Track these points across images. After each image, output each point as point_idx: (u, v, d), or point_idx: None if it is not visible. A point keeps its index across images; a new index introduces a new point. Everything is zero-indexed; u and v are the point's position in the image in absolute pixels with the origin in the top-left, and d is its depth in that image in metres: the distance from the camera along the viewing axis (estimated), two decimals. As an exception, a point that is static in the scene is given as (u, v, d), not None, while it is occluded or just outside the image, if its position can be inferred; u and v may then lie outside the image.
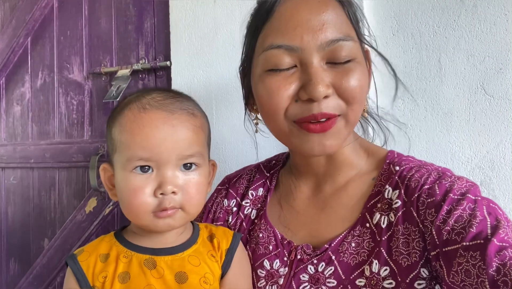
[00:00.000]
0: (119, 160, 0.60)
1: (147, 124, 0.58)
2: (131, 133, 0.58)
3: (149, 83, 1.28)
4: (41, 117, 1.48)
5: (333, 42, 0.57)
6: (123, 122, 0.60)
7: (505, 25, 0.84)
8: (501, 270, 0.46)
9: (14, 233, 1.54)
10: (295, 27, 0.57)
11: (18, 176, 1.53)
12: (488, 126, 0.86)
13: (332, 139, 0.60)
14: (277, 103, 0.59)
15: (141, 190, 0.58)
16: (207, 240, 0.66)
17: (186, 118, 0.60)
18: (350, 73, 0.58)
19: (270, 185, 0.76)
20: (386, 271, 0.58)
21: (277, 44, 0.58)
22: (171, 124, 0.58)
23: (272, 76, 0.59)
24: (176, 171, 0.59)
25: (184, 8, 1.17)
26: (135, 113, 0.59)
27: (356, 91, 0.59)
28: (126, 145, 0.59)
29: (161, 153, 0.58)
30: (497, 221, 0.51)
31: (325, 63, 0.58)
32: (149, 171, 0.59)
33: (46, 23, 1.46)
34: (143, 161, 0.58)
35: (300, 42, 0.57)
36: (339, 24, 0.58)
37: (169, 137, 0.58)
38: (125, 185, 0.59)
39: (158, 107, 0.59)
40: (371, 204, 0.64)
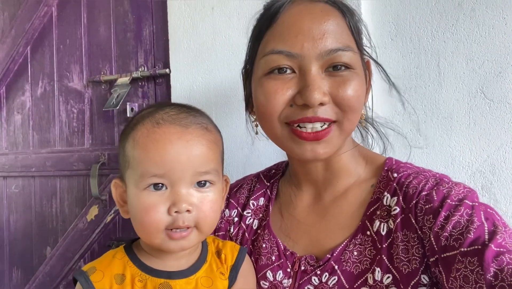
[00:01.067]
0: (132, 176, 0.59)
1: (160, 139, 0.56)
2: (145, 148, 0.57)
3: (148, 91, 1.28)
4: (42, 125, 1.48)
5: (332, 52, 0.58)
6: (136, 138, 0.58)
7: (504, 28, 0.84)
8: (498, 276, 0.46)
9: (17, 241, 1.54)
10: (296, 35, 0.58)
11: (20, 185, 1.53)
12: (488, 131, 0.85)
13: (325, 147, 0.61)
14: (272, 106, 0.60)
15: (155, 208, 0.56)
16: (215, 255, 0.66)
17: (200, 133, 0.59)
18: (347, 82, 0.59)
19: (270, 194, 0.76)
20: (389, 278, 0.58)
21: (278, 50, 0.59)
22: (185, 140, 0.57)
23: (271, 80, 0.60)
24: (191, 189, 0.58)
25: (182, 16, 1.17)
26: (149, 128, 0.58)
27: (353, 100, 0.59)
28: (139, 160, 0.57)
29: (175, 169, 0.56)
30: (494, 226, 0.52)
31: (324, 71, 0.59)
32: (162, 189, 0.57)
33: (45, 32, 1.46)
34: (157, 178, 0.56)
35: (301, 49, 0.58)
36: (339, 34, 0.59)
37: (184, 152, 0.56)
38: (138, 203, 0.57)
39: (172, 122, 0.58)
40: (371, 212, 0.64)
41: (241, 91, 1.11)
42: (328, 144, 0.60)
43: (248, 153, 1.10)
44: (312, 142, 0.60)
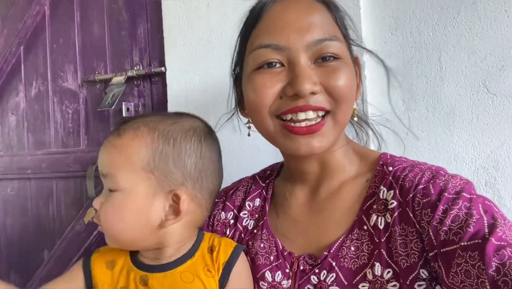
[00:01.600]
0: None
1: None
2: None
3: (144, 90, 1.26)
4: (37, 126, 1.46)
5: (319, 42, 0.58)
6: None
7: (506, 21, 0.82)
8: (500, 270, 0.45)
9: (13, 244, 1.52)
10: (282, 28, 0.59)
11: (16, 187, 1.51)
12: (491, 126, 0.84)
13: (321, 141, 0.60)
14: (262, 100, 0.60)
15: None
16: (207, 252, 0.64)
17: (113, 140, 0.61)
18: (337, 72, 0.59)
19: (266, 194, 0.75)
20: (389, 273, 0.57)
21: (265, 44, 0.59)
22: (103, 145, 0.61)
23: (260, 75, 0.60)
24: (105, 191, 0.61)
25: (177, 13, 1.15)
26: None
27: (344, 90, 0.59)
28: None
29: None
30: (493, 219, 0.51)
31: (312, 62, 0.59)
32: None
33: (38, 31, 1.44)
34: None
35: (287, 41, 0.58)
36: (325, 25, 0.60)
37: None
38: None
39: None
40: (367, 206, 0.63)
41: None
42: (323, 137, 0.60)
43: (248, 152, 1.08)
44: (306, 136, 0.59)
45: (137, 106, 1.26)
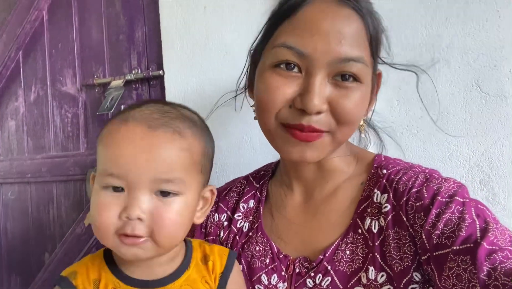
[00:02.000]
0: (97, 173, 0.55)
1: (122, 138, 0.52)
2: (105, 145, 0.54)
3: (143, 93, 1.27)
4: (36, 131, 1.47)
5: (344, 61, 0.56)
6: (103, 134, 0.55)
7: (498, 21, 0.83)
8: (492, 275, 0.46)
9: (14, 248, 1.53)
10: (313, 34, 0.56)
11: (16, 191, 1.52)
12: (485, 124, 0.85)
13: (314, 151, 0.60)
14: (272, 103, 0.59)
15: (107, 208, 0.52)
16: (200, 262, 0.62)
17: (169, 138, 0.54)
18: (350, 95, 0.57)
19: (260, 196, 0.75)
20: (383, 277, 0.58)
21: (290, 45, 0.57)
22: (149, 143, 0.52)
23: (275, 75, 0.59)
24: (149, 195, 0.53)
25: (175, 16, 1.16)
26: (116, 125, 0.54)
27: (350, 114, 0.58)
28: (101, 158, 0.54)
29: (131, 171, 0.51)
30: (485, 223, 0.51)
31: (330, 78, 0.57)
32: (120, 191, 0.53)
33: (37, 36, 1.45)
34: (114, 178, 0.52)
35: (313, 51, 0.56)
36: (356, 43, 0.57)
37: (144, 155, 0.51)
38: (94, 201, 0.54)
39: (140, 121, 0.53)
40: (362, 209, 0.63)
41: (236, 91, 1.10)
42: (317, 149, 0.60)
43: (245, 152, 1.09)
44: (302, 143, 0.59)
45: (135, 110, 1.27)
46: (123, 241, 0.53)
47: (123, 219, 0.52)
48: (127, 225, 0.52)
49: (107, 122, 0.58)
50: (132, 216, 0.52)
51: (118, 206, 0.52)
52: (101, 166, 0.54)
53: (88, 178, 1.26)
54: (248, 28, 1.07)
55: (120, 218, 0.52)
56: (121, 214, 0.52)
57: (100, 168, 0.54)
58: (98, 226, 0.54)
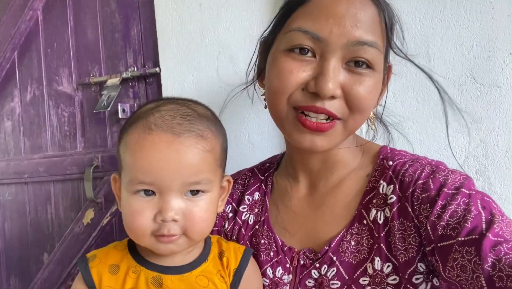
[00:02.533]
0: (124, 179, 0.58)
1: (149, 147, 0.55)
2: (134, 154, 0.56)
3: (139, 91, 1.27)
4: (33, 131, 1.47)
5: (359, 44, 0.56)
6: (128, 142, 0.57)
7: (491, 13, 0.84)
8: (496, 266, 0.46)
9: (13, 249, 1.52)
10: (328, 18, 0.56)
11: (13, 192, 1.51)
12: (480, 115, 0.86)
13: (325, 141, 0.60)
14: (284, 86, 0.58)
15: (141, 213, 0.56)
16: (217, 257, 0.65)
17: (193, 142, 0.56)
18: (363, 82, 0.57)
19: (265, 188, 0.75)
20: (389, 267, 0.58)
21: (305, 29, 0.57)
22: (175, 149, 0.55)
23: (289, 59, 0.58)
24: (180, 197, 0.56)
25: (170, 13, 1.16)
26: (140, 133, 0.56)
27: (364, 101, 0.58)
28: (129, 166, 0.57)
29: (163, 178, 0.54)
30: (491, 215, 0.51)
31: (344, 64, 0.57)
32: (152, 195, 0.56)
33: (32, 36, 1.44)
34: (145, 185, 0.55)
35: (328, 35, 0.56)
36: (371, 27, 0.57)
37: (173, 162, 0.54)
38: (126, 206, 0.58)
39: (164, 129, 0.55)
40: (367, 200, 0.64)
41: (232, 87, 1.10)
42: (328, 138, 0.60)
43: (244, 148, 1.09)
44: (313, 133, 0.59)
45: (132, 107, 1.27)
46: (160, 240, 0.57)
47: (158, 222, 0.56)
48: (163, 227, 0.56)
49: (124, 128, 0.60)
50: (167, 219, 0.55)
51: (151, 210, 0.56)
52: (130, 174, 0.57)
53: (87, 177, 1.26)
54: (243, 24, 1.08)
55: (155, 221, 0.56)
56: (156, 217, 0.56)
57: (130, 176, 0.57)
58: (134, 229, 0.57)
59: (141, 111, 0.60)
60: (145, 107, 0.60)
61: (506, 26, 0.83)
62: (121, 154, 0.59)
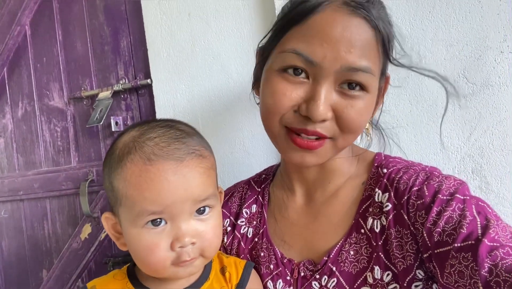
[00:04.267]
0: (126, 216, 0.56)
1: (155, 177, 0.53)
2: (139, 188, 0.54)
3: (132, 103, 1.26)
4: (26, 147, 1.45)
5: (352, 70, 0.55)
6: (128, 177, 0.55)
7: (480, 12, 0.84)
8: (493, 271, 0.46)
9: (11, 266, 1.51)
10: (322, 43, 0.55)
11: (9, 209, 1.50)
12: (473, 114, 0.86)
13: (314, 158, 0.60)
14: (277, 108, 0.59)
15: (157, 246, 0.54)
16: (219, 273, 0.65)
17: (196, 163, 0.56)
18: (355, 105, 0.57)
19: (263, 200, 0.75)
20: (389, 276, 0.58)
21: (299, 52, 0.56)
22: (182, 174, 0.54)
23: (282, 80, 0.58)
24: (191, 220, 0.56)
25: (159, 24, 1.15)
26: (140, 166, 0.54)
27: (354, 123, 0.58)
28: (134, 200, 0.54)
29: (174, 204, 0.54)
30: (486, 220, 0.51)
31: (337, 86, 0.57)
32: (161, 224, 0.55)
33: (20, 51, 1.43)
34: (156, 215, 0.54)
35: (322, 59, 0.55)
36: (366, 53, 0.56)
37: (181, 187, 0.54)
38: (138, 242, 0.55)
39: (165, 158, 0.54)
40: (363, 209, 0.63)
41: (225, 95, 1.10)
42: (318, 155, 0.60)
43: (239, 157, 1.09)
44: (303, 150, 0.59)
45: (125, 120, 1.26)
46: (181, 266, 0.56)
47: (177, 249, 0.55)
48: (183, 254, 0.55)
49: (114, 161, 0.57)
50: (186, 244, 0.55)
51: (166, 240, 0.55)
52: (137, 207, 0.54)
53: (83, 192, 1.25)
54: (233, 32, 1.07)
55: (173, 249, 0.55)
56: (173, 246, 0.55)
57: (137, 210, 0.54)
58: (153, 264, 0.56)
59: (127, 144, 0.57)
60: (127, 137, 0.58)
61: (496, 24, 0.83)
62: (120, 190, 0.56)
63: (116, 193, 0.57)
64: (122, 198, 0.56)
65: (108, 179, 0.58)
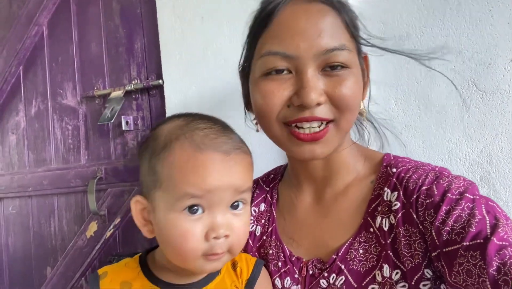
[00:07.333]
0: (164, 199, 0.56)
1: (202, 164, 0.55)
2: (184, 172, 0.55)
3: (142, 103, 1.28)
4: (37, 144, 1.48)
5: (328, 51, 0.57)
6: (174, 161, 0.56)
7: (490, 21, 0.85)
8: (501, 270, 0.46)
9: (16, 263, 1.52)
10: (292, 35, 0.58)
11: (17, 205, 1.51)
12: (482, 122, 0.86)
13: (324, 148, 0.60)
14: (270, 107, 0.60)
15: (192, 234, 0.55)
16: (231, 268, 0.65)
17: (240, 158, 0.59)
18: (343, 82, 0.59)
19: (271, 199, 0.75)
20: (397, 274, 0.57)
21: (274, 51, 0.59)
22: (228, 166, 0.56)
23: (268, 81, 0.60)
24: (227, 212, 0.57)
25: (173, 27, 1.18)
26: (189, 152, 0.55)
27: (349, 99, 0.59)
28: (177, 183, 0.55)
29: (215, 191, 0.55)
30: (496, 219, 0.51)
31: (320, 71, 0.59)
32: (198, 212, 0.55)
33: (37, 51, 1.47)
34: (196, 199, 0.55)
35: (296, 50, 0.57)
36: (335, 33, 0.59)
37: (225, 176, 0.56)
38: (174, 228, 0.55)
39: (214, 148, 0.56)
40: (372, 208, 0.63)
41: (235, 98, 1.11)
42: (326, 144, 0.60)
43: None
44: (310, 143, 0.60)
45: (136, 120, 1.28)
46: (209, 259, 0.56)
47: (211, 240, 0.55)
48: (216, 245, 0.55)
49: (159, 146, 0.58)
50: (221, 235, 0.55)
51: (201, 229, 0.55)
52: (179, 190, 0.55)
53: (91, 189, 1.26)
54: (244, 36, 1.09)
55: (207, 240, 0.55)
56: (208, 236, 0.55)
57: (178, 193, 0.55)
58: (185, 252, 0.56)
59: (171, 130, 0.59)
60: (171, 125, 0.60)
61: (506, 33, 0.84)
62: (162, 173, 0.56)
63: (157, 176, 0.57)
64: (164, 181, 0.56)
65: (148, 163, 0.59)
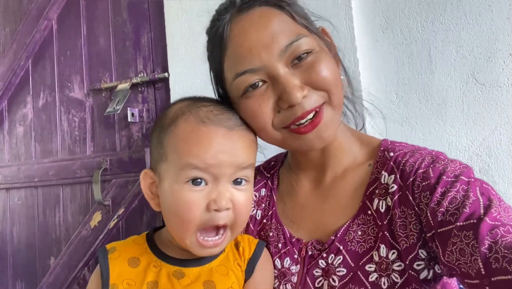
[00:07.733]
0: (169, 170, 0.58)
1: (205, 137, 0.57)
2: (188, 142, 0.57)
3: (148, 96, 1.30)
4: (44, 136, 1.50)
5: (288, 47, 0.59)
6: (179, 133, 0.58)
7: (490, 15, 0.87)
8: (492, 248, 0.47)
9: (20, 253, 1.54)
10: (250, 50, 0.59)
11: (23, 196, 1.54)
12: (482, 114, 0.87)
13: (327, 129, 0.61)
14: (262, 120, 0.61)
15: (195, 204, 0.56)
16: (234, 247, 0.67)
17: (243, 134, 0.60)
18: (315, 65, 0.60)
19: (272, 184, 0.77)
20: (394, 254, 0.59)
21: (242, 71, 0.60)
22: (231, 140, 0.58)
23: (248, 100, 0.61)
24: (229, 186, 0.58)
25: (179, 21, 1.20)
26: (193, 125, 0.57)
27: (328, 77, 0.60)
28: (181, 153, 0.57)
29: (218, 165, 0.56)
30: (489, 200, 0.52)
31: (290, 67, 0.60)
32: (201, 184, 0.57)
33: (46, 44, 1.50)
34: (198, 171, 0.56)
35: (260, 61, 0.59)
36: (286, 30, 0.60)
37: (228, 150, 0.57)
38: (177, 199, 0.57)
39: (217, 123, 0.58)
40: (370, 191, 0.65)
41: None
42: (327, 125, 0.61)
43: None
44: (314, 131, 0.61)
45: (141, 112, 1.31)
46: (202, 244, 0.58)
47: (211, 212, 0.56)
48: (215, 217, 0.56)
49: (166, 121, 0.60)
50: (222, 207, 0.56)
51: (204, 201, 0.56)
52: (183, 161, 0.57)
53: (96, 179, 1.28)
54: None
55: (208, 210, 0.56)
56: (209, 207, 0.56)
57: (182, 163, 0.57)
58: (185, 222, 0.57)
59: (180, 108, 0.61)
60: (179, 105, 0.62)
61: (505, 28, 0.86)
62: (168, 145, 0.59)
63: (163, 148, 0.59)
64: (169, 152, 0.58)
65: (157, 137, 0.61)
